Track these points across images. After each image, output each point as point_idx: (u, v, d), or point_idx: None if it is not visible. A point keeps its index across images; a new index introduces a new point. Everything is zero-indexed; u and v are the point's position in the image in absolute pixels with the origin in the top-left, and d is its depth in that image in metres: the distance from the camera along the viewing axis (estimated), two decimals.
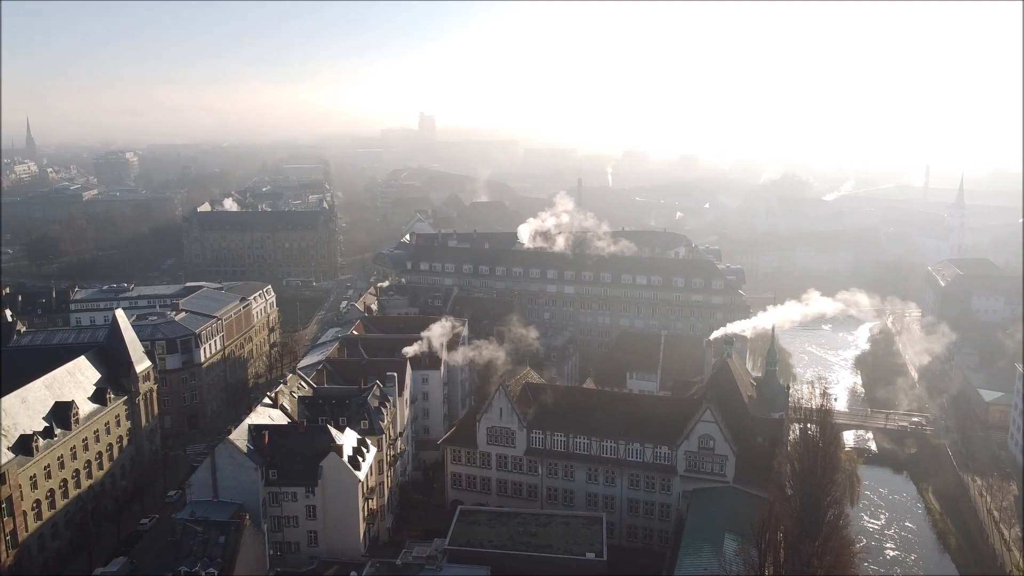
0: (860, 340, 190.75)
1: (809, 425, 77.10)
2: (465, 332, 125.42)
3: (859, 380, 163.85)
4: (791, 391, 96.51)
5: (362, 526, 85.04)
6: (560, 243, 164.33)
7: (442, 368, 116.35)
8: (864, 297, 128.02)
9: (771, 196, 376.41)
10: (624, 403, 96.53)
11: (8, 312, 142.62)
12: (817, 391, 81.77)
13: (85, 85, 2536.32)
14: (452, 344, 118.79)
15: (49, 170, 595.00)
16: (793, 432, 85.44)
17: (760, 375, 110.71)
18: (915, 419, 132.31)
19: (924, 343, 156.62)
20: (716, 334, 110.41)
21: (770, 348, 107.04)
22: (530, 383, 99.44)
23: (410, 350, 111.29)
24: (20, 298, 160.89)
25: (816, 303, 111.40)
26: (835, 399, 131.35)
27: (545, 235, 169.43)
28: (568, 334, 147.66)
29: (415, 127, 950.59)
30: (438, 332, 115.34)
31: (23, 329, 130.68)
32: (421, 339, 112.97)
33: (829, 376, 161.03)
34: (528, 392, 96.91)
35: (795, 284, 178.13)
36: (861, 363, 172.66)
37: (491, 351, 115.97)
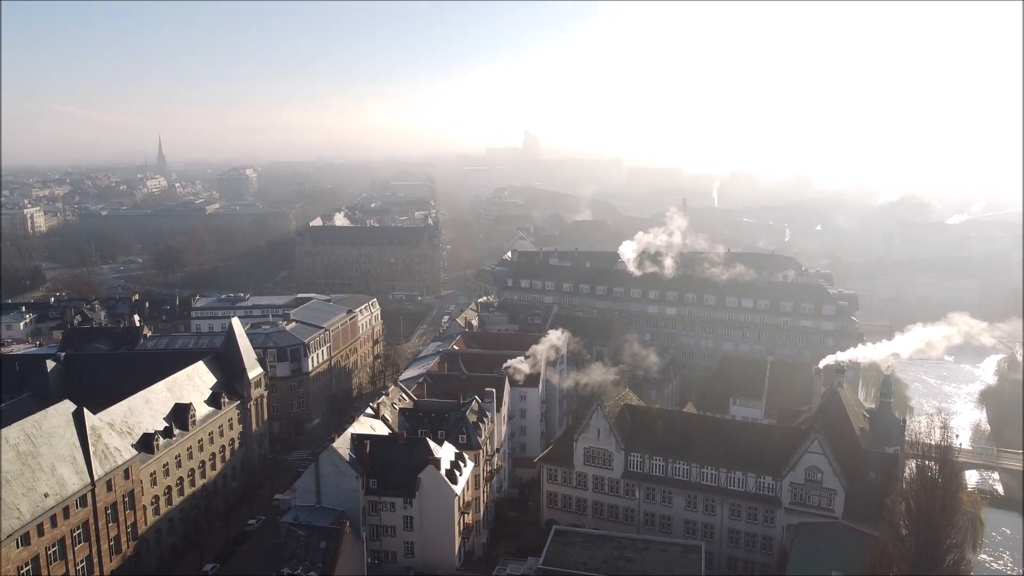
0: (986, 373, 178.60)
1: (927, 462, 72.41)
2: (564, 351, 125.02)
3: (984, 416, 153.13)
4: (907, 425, 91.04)
5: (457, 540, 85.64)
6: (663, 263, 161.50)
7: (540, 386, 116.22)
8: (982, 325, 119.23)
9: (889, 219, 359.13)
10: (727, 429, 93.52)
11: (137, 317, 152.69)
12: (936, 425, 76.81)
13: (213, 106, 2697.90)
14: (551, 362, 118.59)
15: (177, 185, 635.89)
16: (909, 469, 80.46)
17: (873, 407, 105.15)
18: None
19: None
20: (826, 361, 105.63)
21: (885, 379, 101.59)
22: (629, 404, 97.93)
23: (516, 364, 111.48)
24: (147, 305, 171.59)
25: (940, 334, 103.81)
26: (956, 435, 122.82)
27: (648, 254, 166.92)
28: (669, 356, 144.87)
29: (520, 146, 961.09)
30: (547, 347, 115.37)
31: (149, 334, 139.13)
32: (528, 355, 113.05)
33: (950, 410, 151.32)
34: (627, 414, 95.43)
35: (913, 312, 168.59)
36: (986, 398, 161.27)
37: (590, 370, 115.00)
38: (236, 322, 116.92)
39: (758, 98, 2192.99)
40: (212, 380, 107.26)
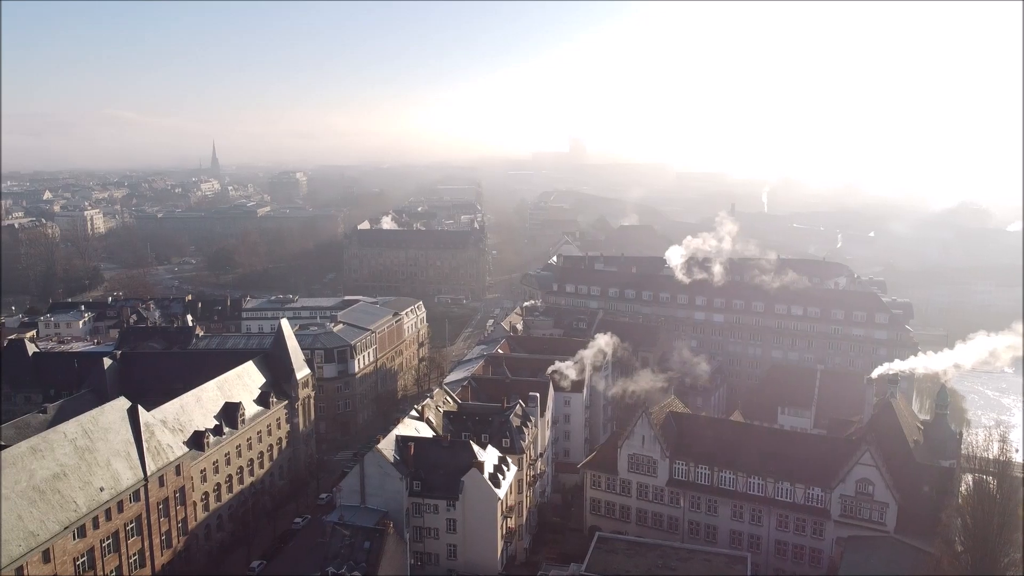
0: None
1: (985, 476, 70.17)
2: (609, 356, 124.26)
3: None
4: (964, 438, 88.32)
5: (500, 544, 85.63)
6: (712, 269, 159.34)
7: (585, 391, 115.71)
8: None
9: (946, 225, 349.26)
10: (774, 439, 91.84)
11: (189, 317, 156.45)
12: (995, 439, 74.30)
13: (266, 112, 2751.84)
14: (596, 367, 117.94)
15: (230, 188, 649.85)
16: (965, 483, 78.03)
17: (928, 418, 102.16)
18: None
19: None
20: (878, 371, 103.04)
21: (941, 390, 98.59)
22: (674, 412, 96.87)
23: (563, 367, 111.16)
24: (200, 305, 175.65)
25: (1005, 344, 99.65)
26: (1016, 449, 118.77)
27: (696, 260, 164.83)
28: (716, 363, 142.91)
29: (566, 150, 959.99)
30: (594, 352, 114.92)
31: (201, 333, 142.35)
32: (576, 360, 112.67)
33: (1009, 423, 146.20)
34: (672, 421, 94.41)
35: (970, 321, 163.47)
36: None
37: (636, 377, 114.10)
38: (285, 323, 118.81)
39: (807, 102, 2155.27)
40: (261, 380, 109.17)
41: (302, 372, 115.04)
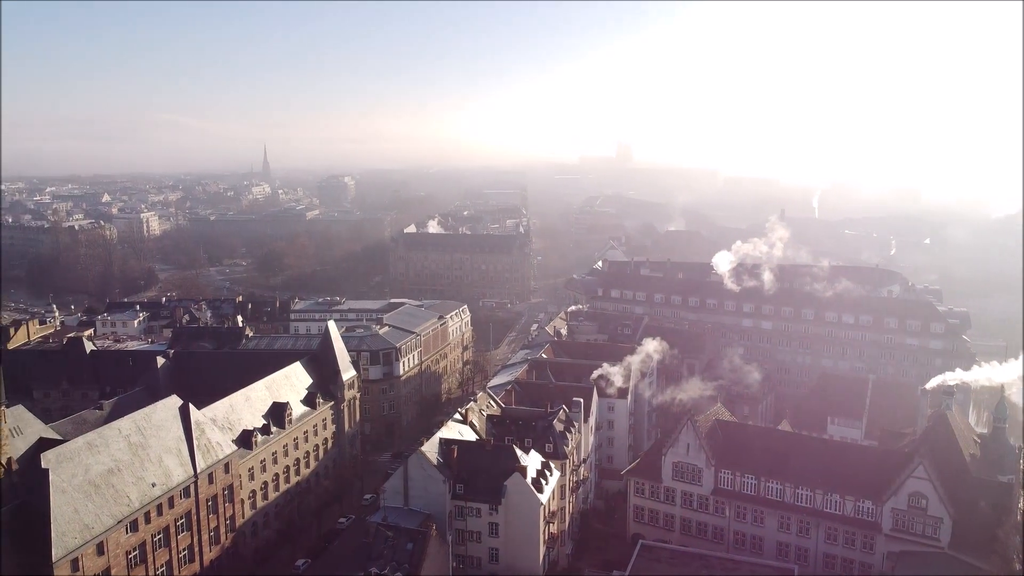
0: None
1: None
2: (655, 363, 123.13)
3: None
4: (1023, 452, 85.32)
5: (542, 549, 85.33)
6: (761, 275, 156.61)
7: (629, 397, 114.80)
8: None
9: (1006, 231, 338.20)
10: (824, 449, 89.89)
11: (240, 318, 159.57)
12: None
13: (316, 117, 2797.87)
14: (641, 374, 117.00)
15: (280, 191, 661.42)
16: None
17: (986, 432, 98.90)
18: None
19: None
20: (933, 382, 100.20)
21: (1000, 402, 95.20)
22: (720, 420, 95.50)
23: (612, 370, 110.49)
24: (250, 306, 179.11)
25: None
26: None
27: (745, 266, 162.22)
28: (764, 372, 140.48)
29: (613, 155, 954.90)
30: (641, 357, 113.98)
31: (251, 334, 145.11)
32: (622, 365, 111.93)
33: None
34: (718, 429, 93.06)
35: None
36: None
37: (683, 384, 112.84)
38: (332, 325, 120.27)
39: (861, 106, 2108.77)
40: (308, 381, 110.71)
41: (348, 373, 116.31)
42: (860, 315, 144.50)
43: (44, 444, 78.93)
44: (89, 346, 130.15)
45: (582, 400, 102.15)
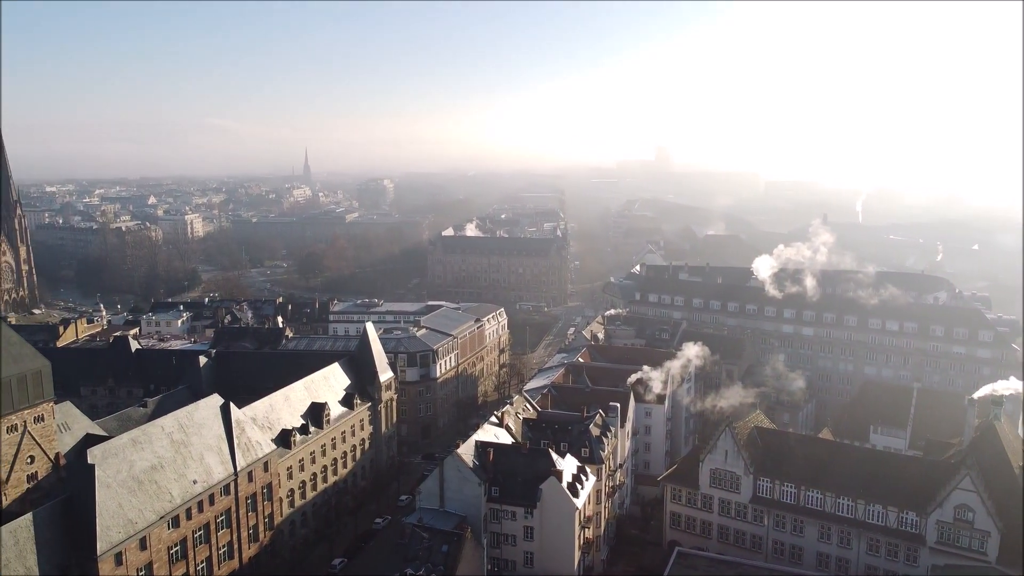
0: None
1: None
2: (693, 368, 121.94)
3: None
4: None
5: (577, 554, 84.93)
6: (803, 280, 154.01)
7: (667, 403, 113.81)
8: None
9: None
10: (866, 459, 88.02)
11: (280, 319, 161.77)
12: None
13: (356, 121, 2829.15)
14: (678, 379, 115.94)
15: (320, 194, 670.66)
16: None
17: None
18: None
19: None
20: (982, 392, 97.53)
21: None
22: (759, 427, 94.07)
23: (652, 374, 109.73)
24: (290, 307, 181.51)
25: None
26: None
27: (787, 271, 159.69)
28: (805, 379, 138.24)
29: (651, 159, 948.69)
30: (682, 362, 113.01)
31: (290, 334, 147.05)
32: (661, 370, 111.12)
33: None
34: (757, 436, 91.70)
35: None
36: None
37: (723, 390, 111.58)
38: (370, 327, 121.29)
39: (906, 108, 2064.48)
40: (346, 381, 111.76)
41: (385, 375, 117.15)
42: (905, 322, 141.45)
43: (91, 440, 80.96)
44: (134, 345, 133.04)
45: (619, 405, 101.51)
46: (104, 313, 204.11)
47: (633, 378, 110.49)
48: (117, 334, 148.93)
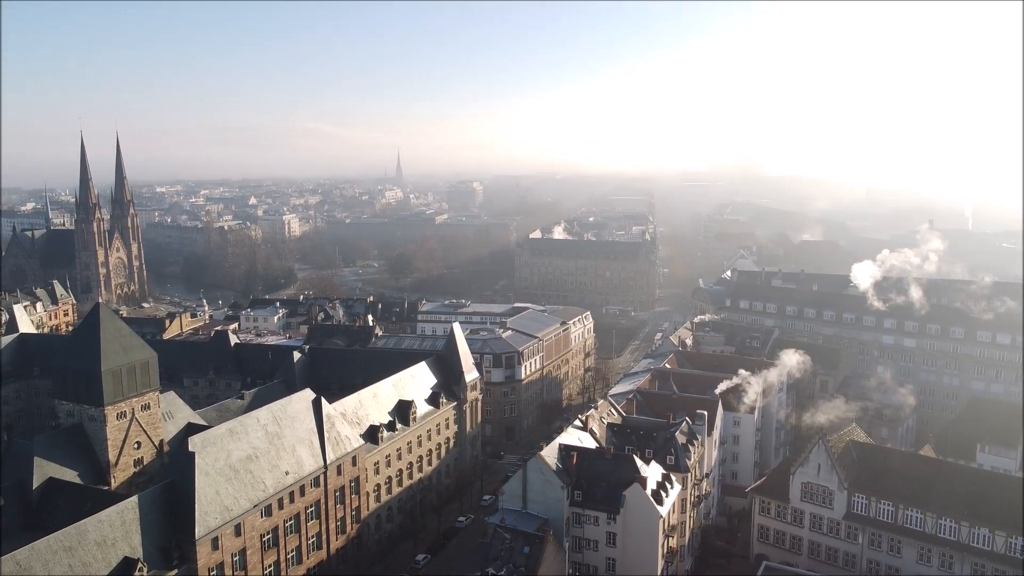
0: None
1: None
2: (786, 377, 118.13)
3: None
4: None
5: (660, 563, 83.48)
6: (905, 288, 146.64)
7: (757, 412, 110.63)
8: None
9: None
10: (972, 479, 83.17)
11: (370, 317, 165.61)
12: None
13: (447, 125, 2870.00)
14: (770, 388, 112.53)
15: (411, 196, 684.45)
16: None
17: None
18: None
19: None
20: None
21: None
22: (855, 441, 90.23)
23: (750, 380, 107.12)
24: (380, 306, 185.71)
25: None
26: None
27: (890, 279, 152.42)
28: (905, 392, 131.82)
29: (744, 162, 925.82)
30: (780, 371, 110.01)
31: (380, 333, 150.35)
32: (754, 378, 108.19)
33: None
34: (852, 451, 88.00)
35: None
36: None
37: (813, 401, 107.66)
38: (457, 327, 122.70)
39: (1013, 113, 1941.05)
40: (432, 380, 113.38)
41: (471, 375, 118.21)
42: (1016, 335, 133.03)
43: (192, 429, 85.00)
44: (233, 339, 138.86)
45: (706, 413, 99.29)
46: (207, 308, 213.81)
47: (724, 386, 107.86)
48: (218, 328, 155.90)
